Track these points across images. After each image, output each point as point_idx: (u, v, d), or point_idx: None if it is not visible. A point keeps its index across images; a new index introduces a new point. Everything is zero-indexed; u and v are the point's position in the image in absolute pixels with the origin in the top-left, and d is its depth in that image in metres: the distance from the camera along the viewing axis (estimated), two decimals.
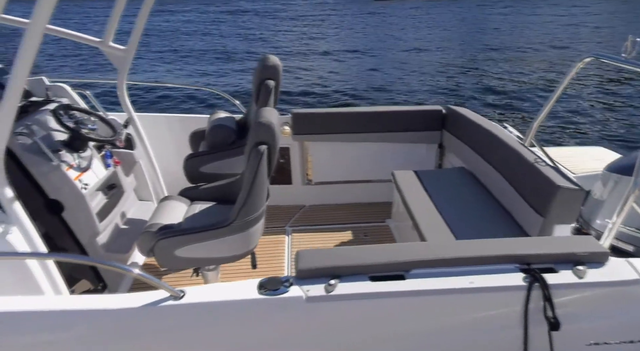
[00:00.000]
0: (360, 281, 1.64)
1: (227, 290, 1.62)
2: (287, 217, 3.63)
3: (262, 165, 2.09)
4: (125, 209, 3.02)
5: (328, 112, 3.57)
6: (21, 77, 1.61)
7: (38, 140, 2.50)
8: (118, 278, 2.75)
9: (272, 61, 2.89)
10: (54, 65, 14.43)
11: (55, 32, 2.85)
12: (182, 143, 3.51)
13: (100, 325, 1.54)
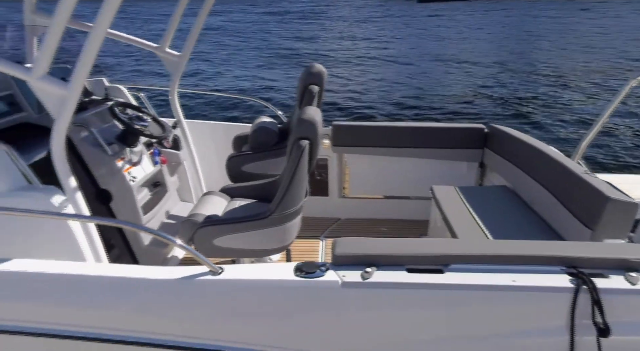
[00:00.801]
0: (398, 271, 1.62)
1: (264, 270, 1.63)
2: (321, 228, 3.63)
3: (303, 160, 2.13)
4: (167, 207, 3.12)
5: (369, 125, 3.60)
6: (82, 74, 1.74)
7: (95, 132, 2.66)
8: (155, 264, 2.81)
9: (317, 68, 2.99)
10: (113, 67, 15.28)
11: (116, 36, 3.08)
12: (224, 150, 3.63)
13: (141, 293, 1.58)
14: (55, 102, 1.76)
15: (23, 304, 1.59)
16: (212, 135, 3.78)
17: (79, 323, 1.58)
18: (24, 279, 1.58)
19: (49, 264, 1.62)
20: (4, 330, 1.56)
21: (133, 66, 15.77)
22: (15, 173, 2.00)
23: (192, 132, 3.60)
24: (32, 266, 1.60)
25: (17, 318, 1.57)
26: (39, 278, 1.57)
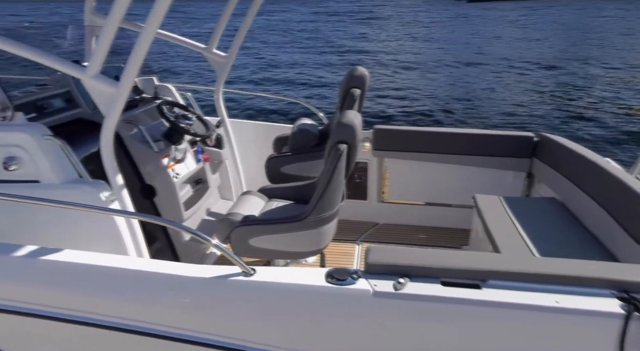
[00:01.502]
0: (431, 283, 1.57)
1: (295, 274, 1.63)
2: (358, 232, 3.60)
3: (341, 164, 2.11)
4: (208, 204, 3.20)
5: (411, 130, 3.53)
6: (132, 74, 1.80)
7: (143, 129, 2.77)
8: (194, 260, 2.89)
9: (359, 72, 2.96)
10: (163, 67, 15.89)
11: (166, 36, 3.19)
12: (265, 149, 3.67)
13: (176, 290, 1.62)
14: (106, 100, 1.84)
15: (66, 293, 1.67)
16: (254, 135, 3.84)
17: (114, 314, 1.64)
18: (68, 269, 1.66)
19: (92, 256, 1.70)
20: (47, 316, 1.65)
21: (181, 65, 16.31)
22: (68, 166, 2.11)
23: (234, 131, 3.67)
24: (77, 257, 1.69)
25: (60, 305, 1.66)
26: (82, 269, 1.65)
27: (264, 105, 10.93)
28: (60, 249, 1.72)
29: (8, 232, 2.09)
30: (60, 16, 31.09)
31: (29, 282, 1.67)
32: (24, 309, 1.64)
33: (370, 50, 19.49)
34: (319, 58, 17.61)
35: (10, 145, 2.07)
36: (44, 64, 1.87)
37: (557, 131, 8.92)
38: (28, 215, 2.05)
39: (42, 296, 1.66)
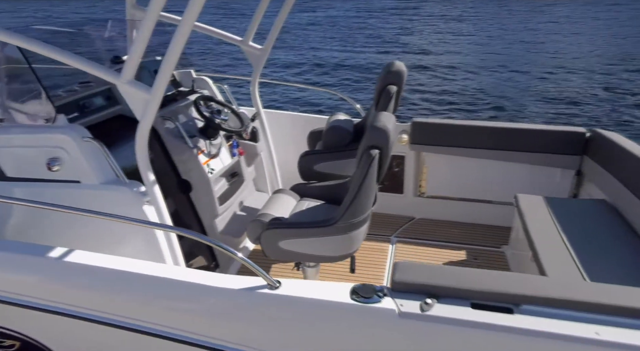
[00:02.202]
0: (461, 306, 1.51)
1: (320, 289, 1.62)
2: (394, 226, 3.54)
3: (372, 170, 2.05)
4: (242, 197, 3.24)
5: (451, 124, 3.39)
6: (164, 79, 1.81)
7: (179, 125, 2.81)
8: (229, 260, 2.96)
9: (396, 67, 2.84)
10: (200, 59, 16.13)
11: (203, 29, 3.18)
12: (301, 140, 3.65)
13: (202, 298, 1.66)
14: (140, 105, 1.86)
15: (100, 295, 1.75)
16: (290, 126, 3.82)
17: (142, 318, 1.70)
18: (103, 273, 1.73)
19: (126, 262, 1.76)
20: (82, 317, 1.74)
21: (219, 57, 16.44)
22: (106, 167, 2.18)
23: (270, 122, 3.66)
24: (111, 262, 1.75)
25: (96, 308, 1.74)
26: (117, 274, 1.71)
27: (302, 95, 10.88)
28: (99, 254, 1.79)
29: (48, 233, 2.21)
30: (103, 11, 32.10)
31: (68, 283, 1.76)
32: (66, 310, 1.74)
33: (412, 44, 18.86)
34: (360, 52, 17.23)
35: (53, 146, 2.16)
36: (80, 68, 1.91)
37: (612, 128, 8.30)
38: (68, 216, 2.14)
39: (80, 298, 1.74)
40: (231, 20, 26.97)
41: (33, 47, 1.87)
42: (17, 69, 2.28)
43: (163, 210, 2.04)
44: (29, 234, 2.22)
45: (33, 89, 2.28)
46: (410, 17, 28.76)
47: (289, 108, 9.32)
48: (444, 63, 15.16)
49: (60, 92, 2.61)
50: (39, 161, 2.19)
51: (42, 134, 2.16)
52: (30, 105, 2.31)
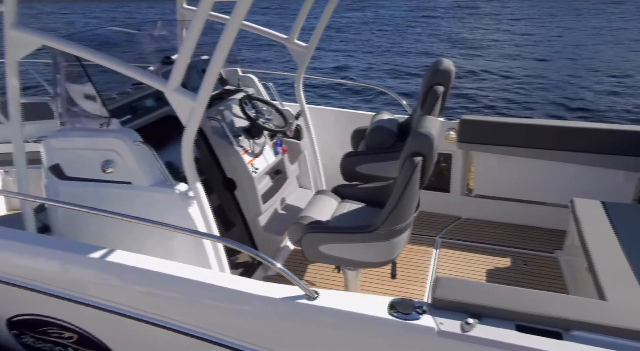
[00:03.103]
0: (504, 328, 1.45)
1: (358, 301, 1.61)
2: (439, 226, 3.45)
3: (415, 177, 2.00)
4: (286, 195, 3.27)
5: (501, 122, 3.23)
6: (216, 69, 1.83)
7: (224, 124, 2.87)
8: (272, 258, 3.01)
9: (444, 65, 2.73)
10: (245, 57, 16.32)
11: (249, 28, 3.20)
12: (345, 137, 3.62)
13: (241, 305, 1.70)
14: (186, 111, 1.91)
15: (150, 297, 1.83)
16: (334, 122, 3.79)
17: (187, 321, 1.77)
18: (152, 276, 1.81)
19: (171, 265, 1.83)
20: (134, 317, 1.84)
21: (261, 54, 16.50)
22: (155, 170, 2.27)
23: (315, 118, 3.65)
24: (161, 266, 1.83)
25: (147, 309, 1.83)
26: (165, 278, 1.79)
27: (346, 92, 10.74)
28: (150, 257, 1.88)
29: (101, 232, 2.34)
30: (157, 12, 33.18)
31: (122, 283, 1.86)
32: (120, 309, 1.84)
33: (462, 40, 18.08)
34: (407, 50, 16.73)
35: (107, 149, 2.27)
36: (129, 75, 1.98)
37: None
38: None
39: (133, 298, 1.84)
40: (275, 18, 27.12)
41: (90, 56, 1.96)
42: (76, 75, 2.41)
43: (207, 212, 2.10)
44: (84, 233, 2.37)
45: (90, 95, 2.40)
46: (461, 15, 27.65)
47: (334, 104, 9.26)
48: (494, 59, 14.52)
49: (115, 95, 2.73)
50: (95, 163, 2.31)
51: (97, 138, 2.28)
52: (87, 109, 2.43)
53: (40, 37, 2.02)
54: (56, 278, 1.92)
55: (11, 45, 2.04)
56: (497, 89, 11.03)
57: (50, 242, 2.01)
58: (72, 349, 2.14)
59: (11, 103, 2.14)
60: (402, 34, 20.77)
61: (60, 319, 2.02)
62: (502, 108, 9.57)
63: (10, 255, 2.01)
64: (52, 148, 2.40)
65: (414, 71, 13.19)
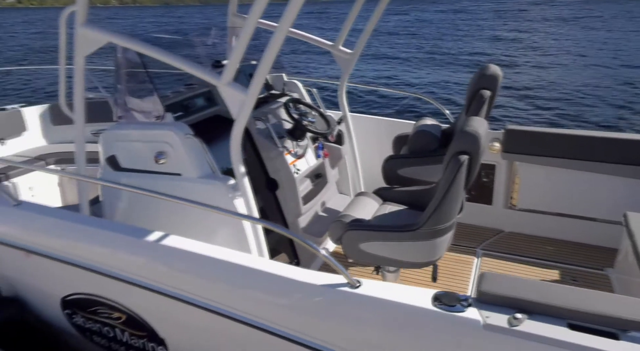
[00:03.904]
0: (556, 325, 1.39)
1: (400, 292, 1.60)
2: (480, 238, 3.37)
3: (460, 176, 1.98)
4: (325, 198, 3.30)
5: (549, 132, 3.15)
6: (259, 81, 1.91)
7: (270, 126, 2.95)
8: (311, 259, 3.03)
9: (491, 70, 2.71)
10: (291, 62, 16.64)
11: (296, 35, 3.31)
12: (386, 145, 3.62)
13: (284, 291, 1.72)
14: (237, 105, 1.99)
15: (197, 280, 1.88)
16: (376, 130, 3.81)
17: (229, 304, 1.80)
18: (200, 259, 1.87)
19: (217, 250, 1.88)
20: (180, 299, 1.89)
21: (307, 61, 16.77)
22: (204, 163, 2.36)
23: (356, 125, 3.69)
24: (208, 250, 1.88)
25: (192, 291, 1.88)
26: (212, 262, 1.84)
27: (388, 100, 10.73)
28: (198, 242, 1.94)
29: (151, 219, 2.44)
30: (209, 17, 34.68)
31: (170, 266, 1.92)
32: (167, 291, 1.90)
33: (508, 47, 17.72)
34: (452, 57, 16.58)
35: (161, 141, 2.39)
36: (185, 70, 2.09)
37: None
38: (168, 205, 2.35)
39: (180, 280, 1.90)
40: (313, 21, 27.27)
41: (151, 53, 2.09)
42: (135, 72, 2.56)
43: (252, 203, 2.15)
44: (134, 219, 2.47)
45: (147, 90, 2.54)
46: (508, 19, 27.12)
47: (375, 112, 9.26)
48: (542, 67, 14.10)
49: (169, 93, 2.88)
50: (148, 154, 2.43)
51: (153, 130, 2.40)
52: (144, 105, 2.57)
53: (106, 34, 2.17)
54: (110, 259, 2.01)
55: (80, 41, 2.20)
56: (544, 99, 10.66)
57: (106, 224, 2.12)
58: (119, 330, 2.21)
59: (76, 95, 2.29)
60: (446, 41, 20.55)
61: (111, 299, 2.10)
62: (548, 119, 9.25)
63: (70, 236, 2.13)
64: (109, 141, 2.54)
65: (457, 80, 12.99)
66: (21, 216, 2.27)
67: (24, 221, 2.26)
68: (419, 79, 13.47)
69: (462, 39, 21.20)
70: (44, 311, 2.53)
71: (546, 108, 10.00)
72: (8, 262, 2.39)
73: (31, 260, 2.22)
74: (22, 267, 2.34)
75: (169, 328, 2.08)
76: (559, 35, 20.66)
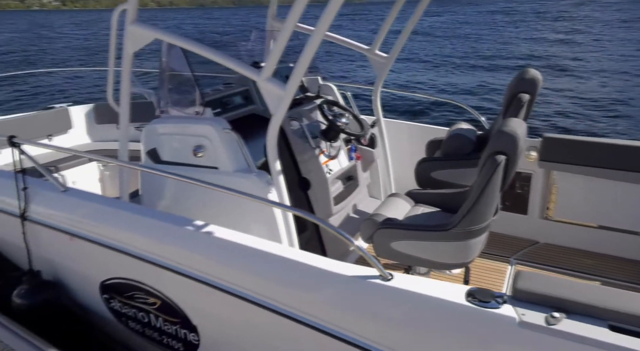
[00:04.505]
0: (596, 325, 1.35)
1: (433, 286, 1.58)
2: (514, 248, 3.28)
3: (496, 176, 1.95)
4: (356, 201, 3.30)
5: (589, 141, 3.06)
6: (297, 78, 1.95)
7: (304, 126, 2.99)
8: (341, 258, 3.03)
9: (531, 74, 2.67)
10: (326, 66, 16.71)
11: (332, 38, 3.36)
12: (418, 150, 3.61)
13: (315, 281, 1.73)
14: (275, 100, 2.04)
15: (231, 268, 1.92)
16: (408, 136, 3.80)
17: (258, 292, 1.82)
18: (235, 248, 1.90)
19: (253, 239, 1.92)
20: (214, 286, 1.93)
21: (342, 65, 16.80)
22: (240, 157, 2.42)
23: (389, 130, 3.69)
24: (245, 240, 1.92)
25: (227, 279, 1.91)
26: (247, 251, 1.88)
27: (422, 106, 10.60)
28: (235, 231, 1.98)
29: (188, 209, 2.51)
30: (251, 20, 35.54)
31: (206, 254, 1.96)
32: (202, 277, 1.95)
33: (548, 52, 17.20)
34: (488, 61, 16.26)
35: (200, 135, 2.46)
36: (226, 66, 2.16)
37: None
38: (208, 194, 2.41)
39: (215, 268, 1.94)
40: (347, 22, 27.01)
41: (195, 49, 2.17)
42: (178, 69, 2.66)
43: (285, 199, 2.19)
44: (173, 209, 2.55)
45: (188, 87, 2.64)
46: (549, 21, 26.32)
47: (409, 118, 9.16)
48: (584, 72, 13.59)
49: (209, 90, 2.97)
50: (187, 148, 2.51)
51: (192, 125, 2.48)
52: (185, 100, 2.67)
53: (153, 31, 2.28)
54: (149, 245, 2.08)
55: (129, 38, 2.31)
56: (585, 106, 10.26)
57: (148, 212, 2.19)
58: (153, 315, 2.27)
59: (123, 87, 2.40)
60: (482, 43, 20.08)
61: (147, 285, 2.17)
62: (588, 127, 8.89)
63: (113, 222, 2.21)
64: (151, 134, 2.65)
65: (493, 85, 12.69)
66: (68, 201, 2.39)
67: (70, 206, 2.37)
68: (453, 84, 13.19)
69: (499, 41, 20.68)
70: (82, 295, 2.62)
71: (586, 115, 9.61)
72: (51, 245, 2.50)
73: (74, 244, 2.31)
74: (64, 251, 2.45)
75: (202, 316, 2.12)
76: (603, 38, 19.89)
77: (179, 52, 2.57)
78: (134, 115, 2.60)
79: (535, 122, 8.97)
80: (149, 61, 9.85)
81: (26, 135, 4.33)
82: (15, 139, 2.48)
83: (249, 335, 2.01)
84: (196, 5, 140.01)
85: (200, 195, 2.47)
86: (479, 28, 25.32)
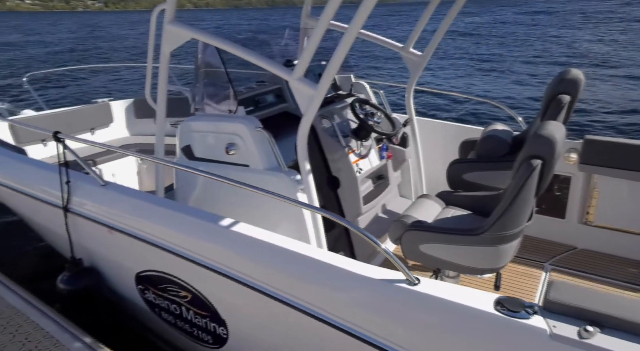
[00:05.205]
0: (631, 341, 1.29)
1: (460, 293, 1.55)
2: (549, 253, 3.17)
3: (531, 181, 1.89)
4: (386, 201, 3.28)
5: (633, 144, 2.91)
6: (329, 77, 1.95)
7: (335, 124, 2.99)
8: (368, 259, 3.02)
9: (572, 74, 2.56)
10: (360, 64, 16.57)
11: (366, 36, 3.33)
12: (451, 150, 3.54)
13: (341, 282, 1.73)
14: (306, 100, 2.05)
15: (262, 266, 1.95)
16: (442, 135, 3.73)
17: (285, 290, 1.85)
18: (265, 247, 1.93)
19: (281, 238, 1.94)
20: (243, 283, 1.97)
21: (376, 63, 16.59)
22: (271, 155, 2.45)
23: (422, 129, 3.63)
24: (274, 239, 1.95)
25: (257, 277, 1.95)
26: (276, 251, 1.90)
27: (457, 105, 10.34)
28: (266, 231, 2.01)
29: (219, 206, 2.56)
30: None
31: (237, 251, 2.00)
32: (232, 274, 1.99)
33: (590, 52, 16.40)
34: (526, 61, 15.67)
35: (232, 133, 2.51)
36: (259, 65, 2.18)
37: None
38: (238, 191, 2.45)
39: (245, 265, 1.98)
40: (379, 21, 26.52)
41: (229, 48, 2.21)
42: (213, 68, 2.72)
43: (314, 198, 2.20)
44: (204, 206, 2.61)
45: (223, 85, 2.69)
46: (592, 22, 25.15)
47: (443, 117, 8.94)
48: (626, 74, 12.90)
49: (242, 89, 3.02)
50: (220, 145, 2.56)
51: (225, 123, 2.53)
52: (219, 98, 2.72)
53: (190, 31, 2.33)
54: (182, 240, 2.14)
55: (167, 38, 2.37)
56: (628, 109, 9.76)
57: (183, 208, 2.26)
58: (185, 308, 2.35)
59: (160, 85, 2.47)
60: (520, 46, 19.45)
61: (180, 278, 2.24)
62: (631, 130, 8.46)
63: (149, 217, 2.29)
64: (185, 131, 2.72)
65: (531, 86, 12.24)
66: (107, 195, 2.49)
67: (109, 200, 2.47)
68: (490, 84, 12.82)
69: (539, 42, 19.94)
70: (119, 284, 2.74)
71: (630, 117, 9.12)
72: (91, 236, 2.62)
73: (113, 236, 2.42)
74: (103, 241, 2.56)
75: (230, 310, 2.17)
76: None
77: (214, 51, 2.62)
78: (171, 110, 2.67)
79: (576, 123, 8.61)
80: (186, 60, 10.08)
81: (72, 127, 4.55)
82: (60, 135, 2.60)
83: (275, 331, 2.04)
84: (231, 6, 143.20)
85: (231, 192, 2.52)
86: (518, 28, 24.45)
